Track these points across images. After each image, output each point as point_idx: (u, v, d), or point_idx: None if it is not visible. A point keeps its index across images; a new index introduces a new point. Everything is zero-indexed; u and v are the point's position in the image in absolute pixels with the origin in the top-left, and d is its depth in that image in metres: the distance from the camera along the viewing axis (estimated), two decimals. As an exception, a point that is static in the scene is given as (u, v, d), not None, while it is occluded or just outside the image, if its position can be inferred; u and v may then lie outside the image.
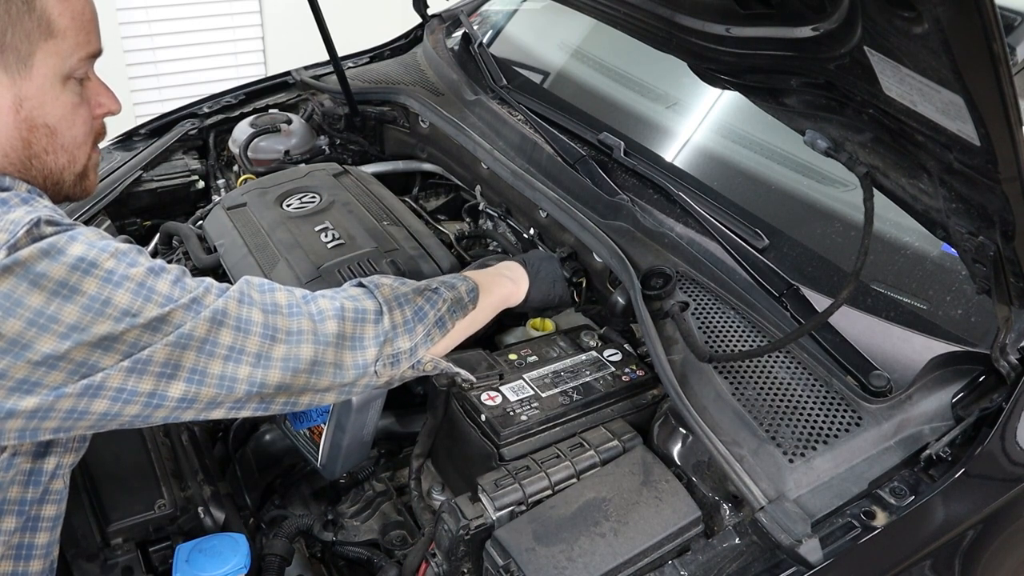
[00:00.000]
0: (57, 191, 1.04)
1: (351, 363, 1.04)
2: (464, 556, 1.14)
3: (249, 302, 0.99)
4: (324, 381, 1.03)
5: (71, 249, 0.87)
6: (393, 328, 1.08)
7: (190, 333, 0.92)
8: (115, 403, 0.89)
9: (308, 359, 1.00)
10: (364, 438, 1.27)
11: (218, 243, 1.74)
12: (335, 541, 1.30)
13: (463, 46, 2.27)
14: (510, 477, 1.16)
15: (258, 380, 0.97)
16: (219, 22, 4.56)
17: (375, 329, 1.06)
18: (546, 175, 1.73)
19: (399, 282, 1.15)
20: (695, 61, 1.38)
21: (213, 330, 0.94)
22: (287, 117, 2.20)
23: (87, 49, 0.99)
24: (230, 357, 0.95)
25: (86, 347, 0.86)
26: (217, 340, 0.94)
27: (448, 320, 1.16)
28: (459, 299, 1.19)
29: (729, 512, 1.17)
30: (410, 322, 1.10)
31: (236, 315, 0.96)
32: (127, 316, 0.88)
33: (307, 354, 1.00)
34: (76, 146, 1.03)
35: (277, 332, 0.99)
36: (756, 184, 1.63)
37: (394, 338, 1.08)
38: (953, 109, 0.86)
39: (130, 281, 0.89)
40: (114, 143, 2.23)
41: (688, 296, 1.39)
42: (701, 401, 1.21)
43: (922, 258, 1.38)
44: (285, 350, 0.99)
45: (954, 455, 1.16)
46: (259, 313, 0.98)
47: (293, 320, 1.01)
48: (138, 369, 0.89)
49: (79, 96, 1.01)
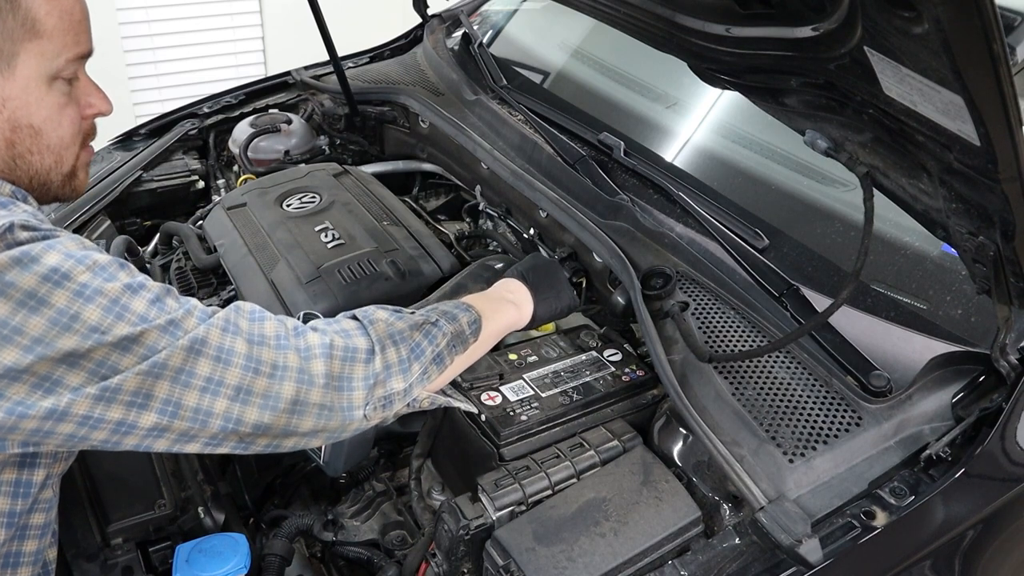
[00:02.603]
0: (44, 191, 1.03)
1: (337, 406, 0.97)
2: (464, 556, 1.14)
3: (234, 331, 0.93)
4: (307, 423, 0.96)
5: (45, 258, 0.84)
6: (386, 368, 1.01)
7: (164, 362, 0.87)
8: (81, 428, 0.86)
9: (289, 398, 0.93)
10: (367, 434, 1.26)
11: (218, 243, 1.74)
12: (335, 541, 1.30)
13: (463, 46, 2.27)
14: (510, 477, 1.16)
15: (234, 416, 0.91)
16: (219, 22, 4.56)
17: (365, 370, 0.99)
18: (546, 175, 1.73)
19: (396, 316, 1.08)
20: (695, 61, 1.38)
21: (190, 360, 0.89)
22: (287, 117, 2.20)
23: (75, 50, 0.97)
24: (207, 389, 0.89)
25: (49, 362, 0.82)
26: (194, 370, 0.89)
27: (447, 356, 1.10)
28: (460, 332, 1.12)
29: (729, 512, 1.17)
30: (405, 361, 1.03)
31: (218, 344, 0.91)
32: (95, 333, 0.83)
33: (288, 392, 0.93)
34: (63, 147, 1.01)
35: (261, 365, 0.93)
36: (756, 184, 1.63)
37: (386, 379, 1.01)
38: (953, 109, 0.86)
39: (103, 296, 0.85)
40: (114, 143, 2.24)
41: (688, 296, 1.39)
42: (701, 401, 1.21)
43: (922, 258, 1.38)
44: (266, 385, 0.92)
45: (954, 455, 1.16)
46: (243, 344, 0.92)
47: (280, 354, 0.94)
48: (106, 397, 0.85)
49: (67, 96, 0.99)
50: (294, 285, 1.52)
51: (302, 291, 1.50)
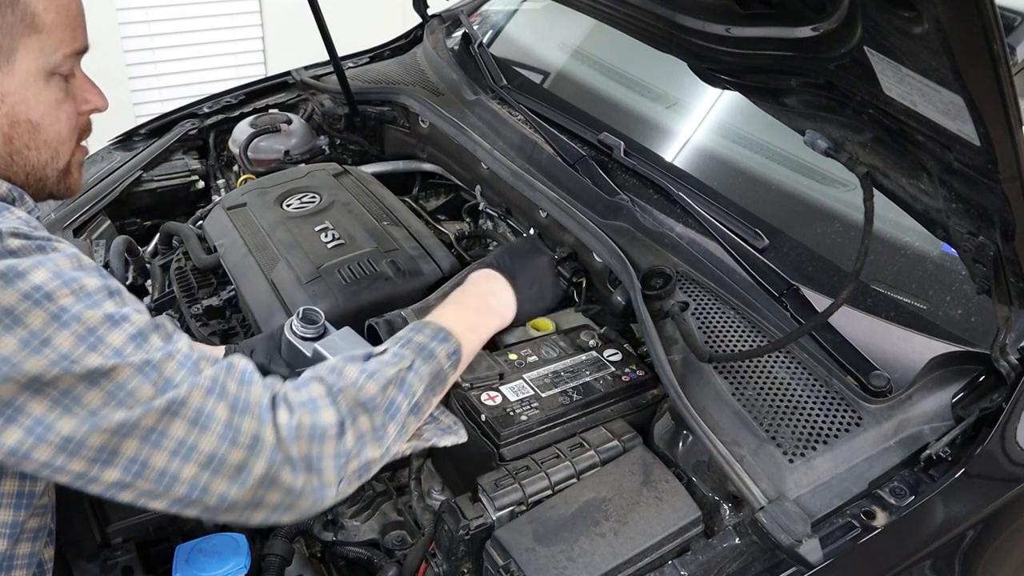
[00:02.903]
0: (40, 187, 1.02)
1: (308, 488, 0.90)
2: (464, 556, 1.14)
3: (219, 394, 0.87)
4: (274, 497, 0.89)
5: (32, 275, 0.81)
6: (359, 440, 0.93)
7: (136, 422, 0.82)
8: (43, 470, 0.82)
9: (260, 475, 0.87)
10: None
11: (218, 243, 1.74)
12: (335, 541, 1.30)
13: (463, 46, 2.27)
14: (510, 477, 1.15)
15: (201, 484, 0.85)
16: (219, 22, 4.56)
17: (336, 447, 0.91)
18: (546, 175, 1.73)
19: (366, 374, 0.96)
20: (695, 61, 1.38)
21: (164, 421, 0.83)
22: (287, 117, 2.20)
23: (72, 46, 0.97)
24: (178, 452, 0.84)
25: (13, 385, 0.79)
26: (167, 431, 0.83)
27: (424, 404, 1.02)
28: (438, 372, 1.03)
29: (729, 512, 1.17)
30: (380, 428, 0.95)
31: (198, 407, 0.85)
32: (64, 360, 0.79)
33: (260, 469, 0.87)
34: (60, 142, 1.01)
35: (239, 435, 0.86)
36: (756, 184, 1.63)
37: (360, 451, 0.93)
38: (953, 109, 0.86)
39: (80, 324, 0.81)
40: (114, 143, 2.24)
41: (688, 296, 1.39)
42: (701, 401, 1.21)
43: (922, 258, 1.38)
44: (241, 457, 0.86)
45: (954, 455, 1.16)
46: (225, 410, 0.86)
47: (261, 426, 0.88)
48: (69, 450, 0.81)
49: (64, 92, 1.00)
50: (294, 285, 1.52)
51: (302, 291, 1.50)
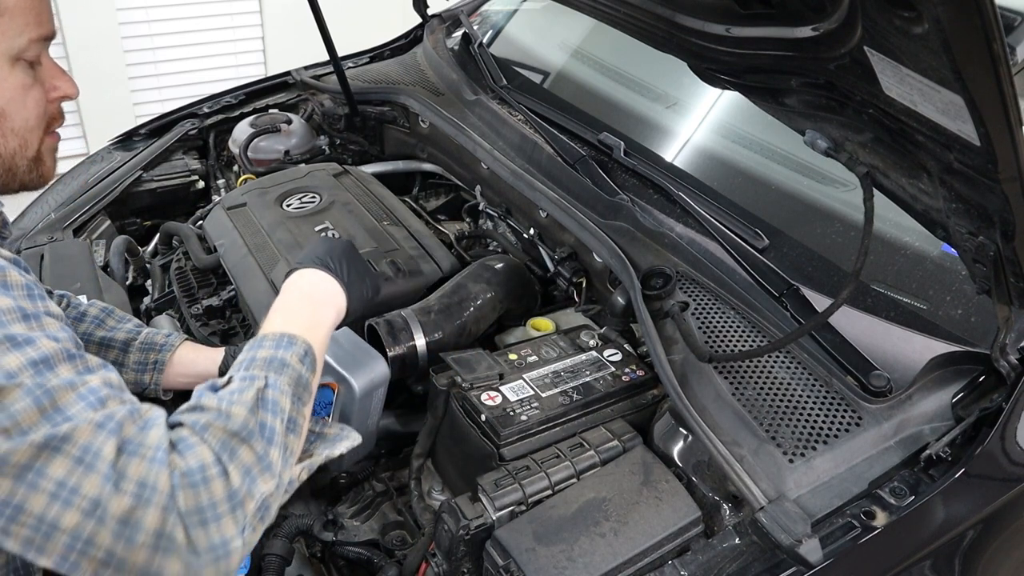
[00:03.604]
0: (11, 177, 1.01)
1: (207, 545, 0.78)
2: (464, 556, 1.14)
3: (111, 431, 0.77)
4: (174, 566, 0.77)
5: None
6: (246, 476, 0.82)
7: (5, 457, 0.73)
8: None
9: (152, 528, 0.76)
10: (369, 428, 1.26)
11: (218, 243, 1.74)
12: (335, 541, 1.30)
13: (463, 46, 2.27)
14: (510, 477, 1.15)
15: (84, 536, 0.74)
16: (219, 22, 4.56)
17: (224, 488, 0.80)
18: (546, 175, 1.73)
19: (226, 402, 0.85)
20: (695, 61, 1.38)
21: (43, 457, 0.74)
22: (287, 117, 2.20)
23: (38, 31, 0.95)
24: (58, 496, 0.74)
25: None
26: (44, 470, 0.74)
27: (298, 416, 0.92)
28: (298, 379, 0.93)
29: (729, 512, 1.17)
30: (263, 456, 0.84)
31: (85, 444, 0.75)
32: None
33: (152, 521, 0.76)
34: (28, 130, 0.99)
35: (123, 480, 0.75)
36: (756, 184, 1.63)
37: (252, 487, 0.82)
38: (953, 109, 0.86)
39: None
40: (114, 143, 2.24)
41: (688, 296, 1.39)
42: (701, 401, 1.21)
43: (922, 258, 1.38)
44: (126, 507, 0.75)
45: (954, 455, 1.16)
46: (112, 448, 0.76)
47: (152, 469, 0.77)
48: None
49: (31, 78, 0.98)
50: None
51: (302, 291, 1.50)
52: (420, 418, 1.42)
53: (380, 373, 1.22)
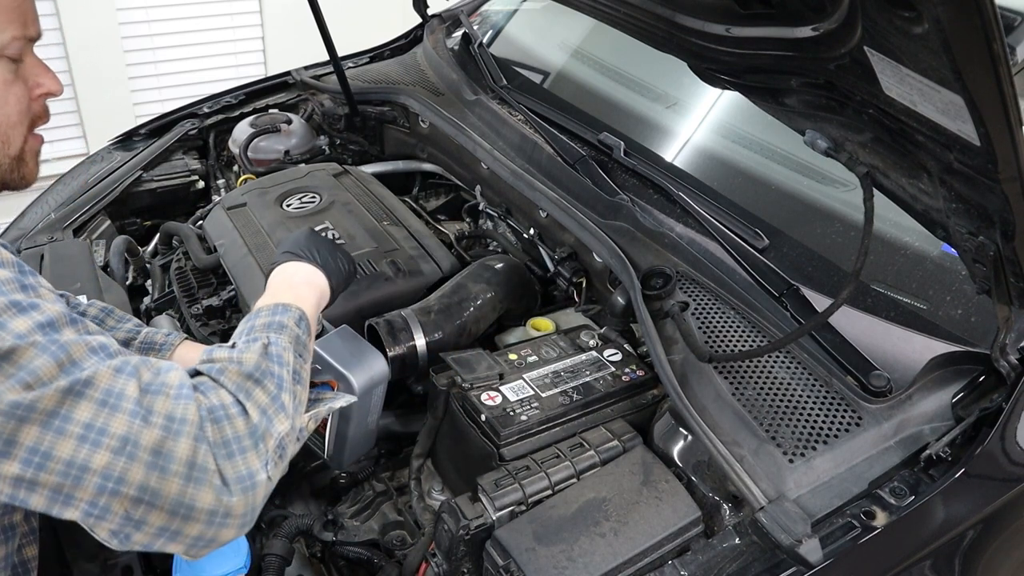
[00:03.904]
0: None
1: (234, 475, 0.82)
2: (464, 556, 1.14)
3: (130, 373, 0.81)
4: (206, 496, 0.80)
5: None
6: (263, 415, 0.87)
7: (32, 404, 0.75)
8: None
9: (185, 458, 0.79)
10: (369, 427, 1.26)
11: (218, 243, 1.74)
12: (335, 541, 1.30)
13: (463, 46, 2.27)
14: (510, 477, 1.15)
15: (116, 474, 0.77)
16: (219, 22, 4.56)
17: (246, 425, 0.84)
18: (546, 175, 1.73)
19: (237, 351, 0.92)
20: (695, 61, 1.38)
21: (68, 402, 0.76)
22: (287, 117, 2.20)
23: (22, 30, 0.95)
24: (86, 438, 0.76)
25: None
26: (70, 415, 0.76)
27: (301, 369, 0.97)
28: (296, 338, 0.99)
29: (729, 512, 1.17)
30: (276, 398, 0.89)
31: (106, 387, 0.78)
32: None
33: (184, 451, 0.79)
34: (10, 126, 0.98)
35: (151, 414, 0.79)
36: (756, 184, 1.63)
37: (269, 425, 0.87)
38: (953, 109, 0.86)
39: None
40: (114, 143, 2.24)
41: (688, 296, 1.39)
42: (701, 401, 1.21)
43: (922, 258, 1.38)
44: (158, 438, 0.78)
45: (954, 455, 1.16)
46: (135, 388, 0.80)
47: (179, 404, 0.81)
48: None
49: (12, 74, 0.97)
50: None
51: (302, 291, 1.50)
52: (420, 418, 1.42)
53: (379, 371, 1.22)
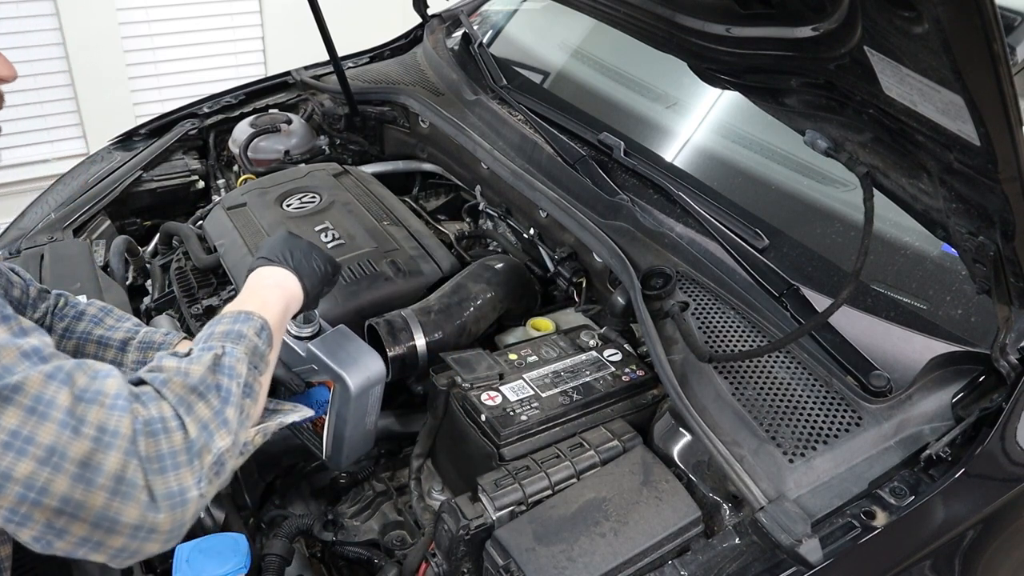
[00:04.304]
0: None
1: (164, 491, 0.79)
2: (464, 556, 1.14)
3: (62, 380, 0.77)
4: (132, 512, 0.78)
5: None
6: (203, 430, 0.84)
7: None
8: None
9: (113, 472, 0.76)
10: (367, 427, 1.26)
11: (218, 243, 1.74)
12: (335, 541, 1.30)
13: (463, 46, 2.27)
14: (510, 477, 1.15)
15: (39, 484, 0.74)
16: (219, 22, 4.56)
17: (183, 440, 0.82)
18: (546, 175, 1.73)
19: (184, 361, 0.89)
20: (695, 61, 1.38)
21: None
22: (287, 117, 2.20)
23: None
24: (11, 445, 0.73)
25: None
26: None
27: (254, 382, 0.95)
28: (254, 349, 0.96)
29: (729, 512, 1.17)
30: (219, 412, 0.86)
31: (36, 393, 0.75)
32: None
33: (113, 465, 0.76)
34: None
35: (83, 425, 0.76)
36: (756, 184, 1.63)
37: (208, 441, 0.84)
38: (953, 109, 0.86)
39: None
40: (114, 143, 2.24)
41: (688, 296, 1.39)
42: (701, 401, 1.21)
43: (922, 258, 1.38)
44: (87, 450, 0.75)
45: (954, 455, 1.16)
46: (67, 396, 0.77)
47: (113, 415, 0.78)
48: None
49: None
50: (294, 285, 1.52)
51: (302, 291, 1.50)
52: (420, 418, 1.42)
53: (375, 371, 1.22)
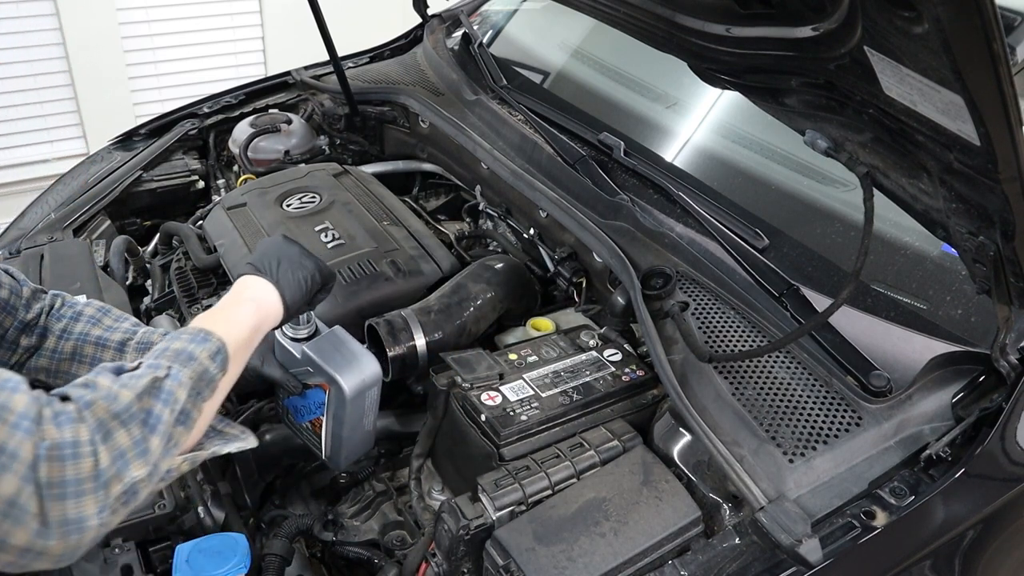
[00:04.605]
0: None
1: (59, 519, 0.76)
2: (464, 556, 1.14)
3: None
4: (21, 536, 0.75)
5: None
6: (118, 459, 0.81)
7: None
8: None
9: (6, 495, 0.74)
10: (365, 427, 1.26)
11: (218, 243, 1.74)
12: (335, 541, 1.30)
13: (463, 46, 2.27)
14: (510, 477, 1.15)
15: None
16: (219, 22, 4.56)
17: (92, 467, 0.78)
18: (546, 175, 1.73)
19: (119, 384, 0.85)
20: (695, 61, 1.38)
21: None
22: (287, 117, 2.20)
23: None
24: None
25: None
26: None
27: (193, 409, 0.91)
28: (203, 374, 0.92)
29: (729, 512, 1.17)
30: (140, 442, 0.83)
31: None
32: None
33: (7, 487, 0.73)
34: None
35: None
36: (756, 184, 1.63)
37: (122, 470, 0.81)
38: (953, 109, 0.86)
39: None
40: (114, 143, 2.24)
41: (688, 296, 1.39)
42: (701, 401, 1.21)
43: (922, 258, 1.38)
44: None
45: (954, 455, 1.16)
46: None
47: (15, 436, 0.75)
48: None
49: None
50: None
51: (302, 291, 1.50)
52: (420, 418, 1.42)
53: (371, 373, 1.21)
